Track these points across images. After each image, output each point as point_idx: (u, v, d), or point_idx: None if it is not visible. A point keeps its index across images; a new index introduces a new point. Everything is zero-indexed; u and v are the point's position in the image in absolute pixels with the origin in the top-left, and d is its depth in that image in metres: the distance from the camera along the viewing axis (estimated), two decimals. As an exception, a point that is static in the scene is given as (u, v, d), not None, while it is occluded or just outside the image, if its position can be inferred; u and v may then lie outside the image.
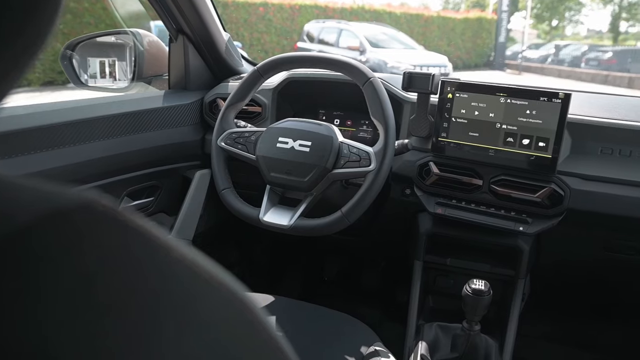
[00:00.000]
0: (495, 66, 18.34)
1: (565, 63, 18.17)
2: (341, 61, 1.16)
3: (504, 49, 19.35)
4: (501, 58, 18.72)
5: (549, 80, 15.82)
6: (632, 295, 1.65)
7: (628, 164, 1.15)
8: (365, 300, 1.98)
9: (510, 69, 18.24)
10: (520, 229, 1.17)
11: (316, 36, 12.14)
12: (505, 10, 18.95)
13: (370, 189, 1.07)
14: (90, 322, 0.19)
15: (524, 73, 17.30)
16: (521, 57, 18.86)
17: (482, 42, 19.74)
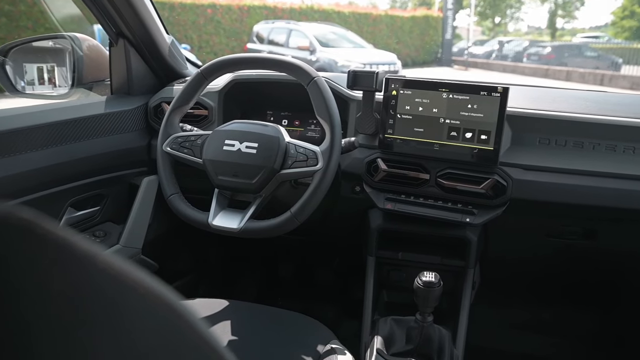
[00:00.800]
0: (443, 63, 18.80)
1: (509, 58, 18.84)
2: (285, 62, 1.16)
3: (451, 45, 19.84)
4: (448, 55, 19.20)
5: (494, 75, 16.35)
6: (576, 278, 1.73)
7: (564, 153, 1.20)
8: (321, 298, 1.99)
9: (457, 65, 18.73)
10: (467, 220, 1.20)
11: (266, 37, 12.09)
12: (450, 8, 19.42)
13: (318, 188, 1.07)
14: (5, 334, 0.19)
15: (470, 69, 17.80)
16: (467, 53, 19.39)
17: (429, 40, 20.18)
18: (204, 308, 1.18)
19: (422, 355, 1.19)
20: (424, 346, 1.18)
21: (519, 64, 17.15)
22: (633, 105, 1.31)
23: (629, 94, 1.59)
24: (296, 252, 2.07)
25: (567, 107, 1.24)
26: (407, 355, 1.19)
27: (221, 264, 2.05)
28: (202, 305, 1.19)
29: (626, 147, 1.18)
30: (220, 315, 1.15)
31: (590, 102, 1.31)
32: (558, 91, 1.52)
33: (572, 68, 14.74)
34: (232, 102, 1.46)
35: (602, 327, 1.85)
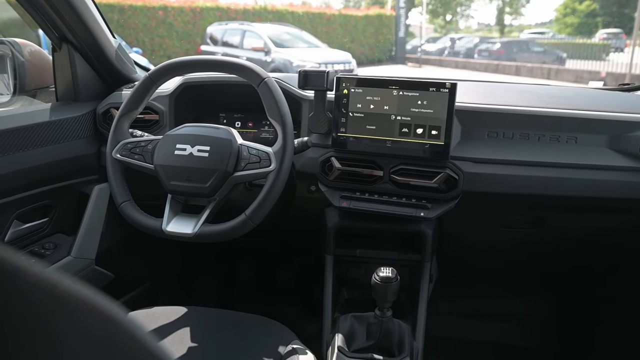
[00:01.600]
0: (397, 60, 19.04)
1: (461, 54, 19.31)
2: (234, 63, 1.15)
3: (404, 43, 20.15)
4: (402, 52, 19.48)
5: (447, 71, 16.71)
6: (530, 267, 1.79)
7: (511, 145, 1.24)
8: (283, 299, 1.99)
9: (411, 62, 19.02)
10: (421, 214, 1.22)
11: (220, 39, 11.95)
12: (402, 6, 19.72)
13: (272, 189, 1.07)
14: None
15: (424, 66, 18.12)
16: (420, 50, 19.75)
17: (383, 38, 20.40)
18: (162, 316, 1.16)
19: (382, 350, 1.20)
20: (384, 341, 1.20)
21: (471, 60, 17.60)
22: (574, 97, 1.37)
23: (570, 87, 1.66)
24: (256, 254, 2.05)
25: (513, 101, 1.28)
26: (368, 350, 1.20)
27: (180, 271, 2.02)
28: (160, 313, 1.17)
29: (569, 137, 1.23)
30: (178, 323, 1.13)
31: (534, 96, 1.36)
32: (505, 85, 1.56)
33: (521, 63, 15.24)
34: (183, 105, 1.44)
35: (557, 312, 1.92)
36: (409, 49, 20.60)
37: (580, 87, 1.75)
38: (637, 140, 1.21)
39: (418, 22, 26.72)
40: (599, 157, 1.22)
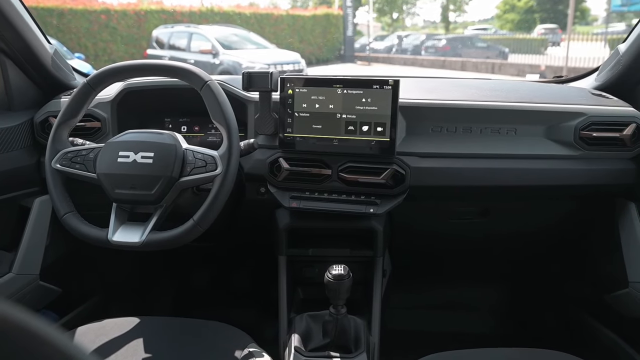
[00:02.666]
0: (346, 59, 19.19)
1: (408, 52, 19.68)
2: (175, 67, 1.13)
3: (353, 42, 20.33)
4: (351, 51, 19.65)
5: (396, 68, 17.00)
6: (480, 256, 1.84)
7: (455, 139, 1.27)
8: (240, 303, 1.97)
9: (360, 60, 19.21)
10: (370, 210, 1.24)
11: (166, 42, 11.70)
12: (349, 5, 19.88)
13: (219, 193, 1.06)
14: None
15: (373, 63, 18.35)
16: (369, 49, 19.99)
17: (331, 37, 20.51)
18: (113, 329, 1.13)
19: (339, 347, 1.21)
20: (341, 338, 1.20)
21: (418, 56, 17.98)
22: (513, 90, 1.42)
23: (509, 80, 1.73)
24: (210, 259, 2.03)
25: (456, 96, 1.32)
26: (325, 348, 1.21)
27: (133, 281, 1.97)
28: (111, 326, 1.14)
29: (509, 129, 1.28)
30: (131, 334, 1.11)
31: (476, 90, 1.40)
32: (448, 81, 1.60)
33: (466, 58, 15.69)
34: (126, 112, 1.40)
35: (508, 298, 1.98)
36: (358, 48, 20.82)
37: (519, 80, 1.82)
38: (571, 130, 1.26)
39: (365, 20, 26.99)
40: (538, 147, 1.28)
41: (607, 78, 1.42)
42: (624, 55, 1.35)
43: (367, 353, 1.21)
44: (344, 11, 20.12)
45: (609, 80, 1.42)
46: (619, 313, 1.35)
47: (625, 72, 1.36)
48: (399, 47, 20.80)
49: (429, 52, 18.24)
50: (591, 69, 1.57)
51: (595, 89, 1.45)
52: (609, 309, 1.39)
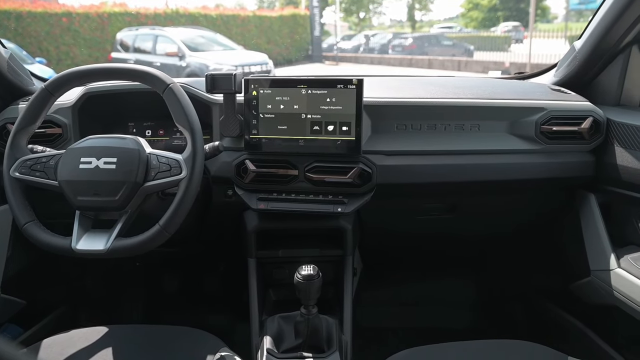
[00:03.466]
0: (314, 59, 19.20)
1: (375, 51, 19.82)
2: (136, 70, 1.11)
3: (320, 42, 20.35)
4: (319, 51, 19.66)
5: (364, 67, 17.10)
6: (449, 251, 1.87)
7: (420, 136, 1.29)
8: (212, 307, 1.95)
9: (328, 60, 19.25)
10: (338, 210, 1.24)
11: (131, 45, 11.51)
12: (316, 5, 19.90)
13: (185, 197, 1.04)
14: None
15: (341, 63, 18.40)
16: (336, 48, 20.03)
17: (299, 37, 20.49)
18: (80, 340, 1.11)
19: (311, 347, 1.21)
20: (313, 338, 1.20)
21: (385, 55, 18.13)
22: (476, 87, 1.44)
23: (472, 77, 1.76)
24: (180, 264, 2.00)
25: (420, 94, 1.33)
26: (297, 349, 1.21)
27: (101, 289, 1.93)
28: (79, 337, 1.12)
29: (472, 125, 1.30)
30: (100, 344, 1.08)
31: (439, 87, 1.42)
32: (412, 79, 1.62)
33: (433, 56, 15.89)
34: (88, 117, 1.37)
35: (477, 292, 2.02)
36: (325, 48, 20.85)
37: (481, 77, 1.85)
38: (532, 124, 1.29)
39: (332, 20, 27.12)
40: (500, 142, 1.30)
41: (565, 74, 1.46)
42: (579, 52, 1.38)
43: (340, 352, 1.21)
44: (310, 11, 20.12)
45: (566, 75, 1.46)
46: (582, 301, 1.39)
47: (581, 68, 1.40)
48: (366, 47, 20.93)
49: (396, 51, 18.42)
50: (551, 65, 1.61)
51: (554, 84, 1.49)
52: (573, 297, 1.43)
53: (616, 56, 1.34)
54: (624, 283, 1.16)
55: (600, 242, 1.28)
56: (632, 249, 1.23)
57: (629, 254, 1.21)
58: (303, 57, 19.74)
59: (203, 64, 9.94)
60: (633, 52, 1.32)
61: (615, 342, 1.33)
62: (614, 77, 1.36)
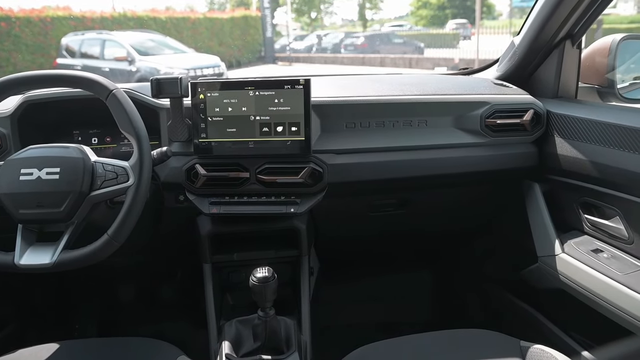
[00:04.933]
0: (267, 60, 19.12)
1: (328, 50, 19.94)
2: (77, 76, 1.08)
3: (273, 43, 20.29)
4: (271, 52, 19.59)
5: (317, 67, 17.17)
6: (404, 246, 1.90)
7: (369, 134, 1.31)
8: (170, 315, 1.92)
9: (281, 61, 19.22)
10: (291, 210, 1.25)
11: (77, 50, 11.15)
12: (267, 7, 19.82)
13: (133, 205, 1.02)
14: None
15: (294, 64, 18.42)
16: (289, 49, 20.05)
17: (251, 39, 20.37)
18: (29, 359, 1.06)
19: (271, 350, 1.21)
20: (272, 340, 1.20)
21: (338, 55, 18.28)
22: (422, 83, 1.47)
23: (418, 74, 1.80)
24: (135, 273, 1.96)
25: (368, 92, 1.35)
26: (256, 353, 1.20)
27: (52, 304, 1.86)
28: (27, 356, 1.08)
29: (420, 121, 1.33)
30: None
31: (387, 85, 1.44)
32: (360, 77, 1.64)
33: (385, 55, 16.12)
34: (29, 126, 1.32)
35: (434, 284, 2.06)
36: (278, 48, 20.82)
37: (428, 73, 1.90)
38: (477, 118, 1.33)
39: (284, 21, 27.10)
40: (447, 137, 1.33)
41: (506, 69, 1.51)
42: (518, 48, 1.44)
43: (299, 352, 1.22)
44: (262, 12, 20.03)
45: (508, 70, 1.51)
46: (532, 287, 1.45)
47: (521, 63, 1.45)
48: (318, 46, 21.01)
49: (349, 50, 18.59)
50: (494, 60, 1.67)
51: (497, 79, 1.54)
52: (523, 284, 1.48)
53: (552, 51, 1.40)
54: (568, 267, 1.22)
55: (545, 230, 1.33)
56: (574, 234, 1.29)
57: (572, 239, 1.27)
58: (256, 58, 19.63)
59: (154, 68, 9.75)
60: (567, 47, 1.38)
61: (563, 324, 1.39)
62: (551, 71, 1.42)
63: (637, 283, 1.04)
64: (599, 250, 1.19)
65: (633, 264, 1.11)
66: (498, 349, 1.08)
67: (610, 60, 1.35)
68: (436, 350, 1.09)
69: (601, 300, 1.11)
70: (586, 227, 1.26)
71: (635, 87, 1.43)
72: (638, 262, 1.11)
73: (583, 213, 1.26)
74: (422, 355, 1.07)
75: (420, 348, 1.10)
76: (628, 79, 1.44)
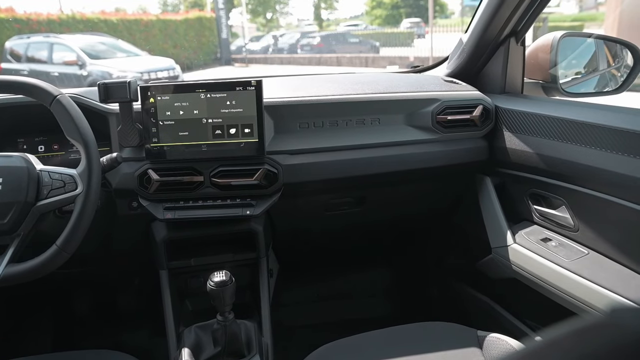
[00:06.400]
0: (223, 62, 18.92)
1: (285, 51, 19.89)
2: (17, 82, 1.04)
3: (229, 44, 20.09)
4: (227, 53, 19.39)
5: (274, 67, 17.11)
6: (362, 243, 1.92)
7: (323, 133, 1.31)
8: (129, 324, 1.87)
9: (237, 62, 19.06)
10: (247, 212, 1.24)
11: (23, 54, 10.73)
12: (221, 8, 19.62)
13: (82, 213, 0.99)
14: None
15: (250, 65, 18.30)
16: (245, 50, 19.90)
17: (206, 41, 20.09)
18: None
19: (231, 354, 1.20)
20: (232, 344, 1.19)
21: (294, 55, 18.27)
22: (375, 82, 1.49)
23: (371, 73, 1.81)
24: (91, 284, 1.90)
25: (320, 92, 1.36)
26: (217, 358, 1.19)
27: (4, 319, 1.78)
28: None
29: (372, 119, 1.34)
30: None
31: (339, 84, 1.45)
32: (312, 77, 1.64)
33: (341, 54, 16.21)
34: None
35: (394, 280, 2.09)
36: (234, 50, 20.63)
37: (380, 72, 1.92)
38: (429, 115, 1.36)
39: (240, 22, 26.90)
40: (400, 134, 1.36)
41: (456, 66, 1.55)
42: (466, 45, 1.47)
43: (260, 355, 1.21)
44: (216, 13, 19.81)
45: (457, 67, 1.54)
46: (487, 277, 1.49)
47: (469, 60, 1.49)
48: (275, 47, 20.96)
49: (305, 50, 18.62)
50: (444, 58, 1.70)
51: (447, 76, 1.58)
52: (480, 275, 1.52)
53: (498, 48, 1.44)
54: (519, 257, 1.26)
55: (497, 221, 1.37)
56: (525, 225, 1.33)
57: (523, 230, 1.31)
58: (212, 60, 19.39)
59: (106, 72, 9.51)
60: (512, 44, 1.42)
61: (518, 312, 1.44)
62: (498, 68, 1.46)
63: (582, 268, 1.09)
64: (548, 239, 1.24)
65: (579, 251, 1.15)
66: (456, 339, 1.11)
67: (552, 57, 1.40)
68: (396, 344, 1.11)
69: (550, 287, 1.15)
70: (535, 218, 1.30)
71: (576, 82, 1.49)
72: (583, 248, 1.16)
73: (532, 204, 1.31)
74: (382, 350, 1.09)
75: (379, 343, 1.11)
76: (570, 74, 1.50)
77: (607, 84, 1.49)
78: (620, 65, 1.47)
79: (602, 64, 1.51)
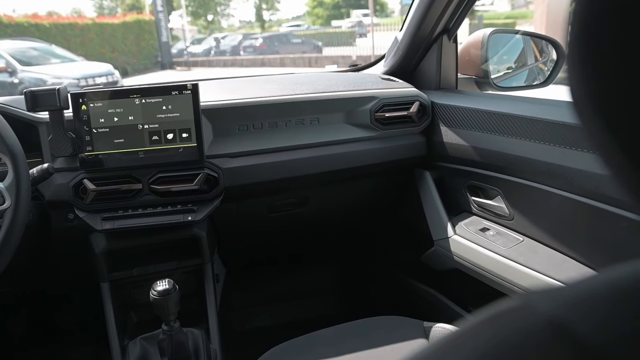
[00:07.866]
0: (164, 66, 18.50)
1: (227, 53, 19.69)
2: None
3: (169, 48, 19.62)
4: (168, 57, 18.95)
5: (217, 70, 16.87)
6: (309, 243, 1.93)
7: (262, 135, 1.31)
8: (72, 341, 1.80)
9: (179, 66, 18.68)
10: (189, 218, 1.22)
11: (-55, 62, 10.12)
12: (160, 10, 19.14)
13: (11, 229, 0.95)
14: None
15: (193, 68, 17.97)
16: (187, 53, 19.53)
17: (146, 44, 19.60)
18: None
19: None
20: (179, 353, 1.17)
21: (237, 57, 18.11)
22: (314, 82, 1.50)
23: (310, 72, 1.82)
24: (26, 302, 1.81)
25: (258, 93, 1.35)
26: None
27: None
28: None
29: (312, 119, 1.35)
30: None
31: (278, 85, 1.45)
32: (250, 79, 1.64)
33: (284, 55, 16.21)
34: None
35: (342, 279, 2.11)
36: (175, 53, 20.18)
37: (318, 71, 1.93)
38: (367, 113, 1.38)
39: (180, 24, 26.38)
40: (340, 133, 1.37)
41: (392, 64, 1.58)
42: (401, 43, 1.51)
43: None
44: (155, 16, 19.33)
45: (393, 65, 1.57)
46: (431, 269, 1.53)
47: (405, 58, 1.52)
48: (217, 49, 20.69)
49: (248, 52, 18.51)
50: (381, 56, 1.73)
51: (384, 73, 1.60)
52: (424, 267, 1.56)
53: (431, 45, 1.48)
54: (460, 247, 1.30)
55: (438, 214, 1.41)
56: (464, 216, 1.37)
57: (462, 221, 1.35)
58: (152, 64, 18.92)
59: (39, 79, 9.09)
60: (444, 41, 1.47)
61: (462, 301, 1.48)
62: (432, 64, 1.50)
63: (518, 255, 1.14)
64: (486, 228, 1.29)
65: (514, 238, 1.20)
66: (403, 331, 1.13)
67: (483, 53, 1.45)
68: (345, 341, 1.12)
69: (489, 274, 1.20)
70: (474, 209, 1.35)
71: (506, 76, 1.56)
72: (518, 235, 1.21)
73: (470, 195, 1.35)
74: (331, 347, 1.09)
75: (327, 341, 1.12)
76: (501, 69, 1.57)
77: (536, 77, 1.56)
78: (547, 60, 1.55)
79: (530, 59, 1.58)
